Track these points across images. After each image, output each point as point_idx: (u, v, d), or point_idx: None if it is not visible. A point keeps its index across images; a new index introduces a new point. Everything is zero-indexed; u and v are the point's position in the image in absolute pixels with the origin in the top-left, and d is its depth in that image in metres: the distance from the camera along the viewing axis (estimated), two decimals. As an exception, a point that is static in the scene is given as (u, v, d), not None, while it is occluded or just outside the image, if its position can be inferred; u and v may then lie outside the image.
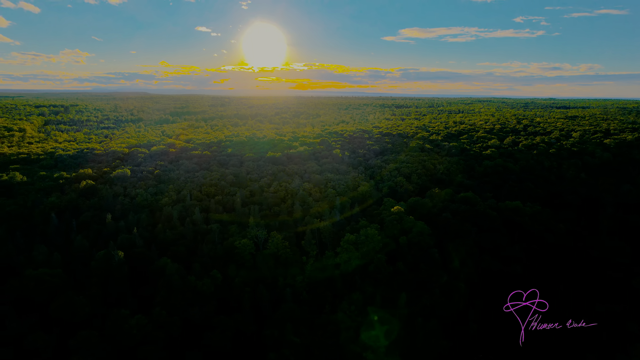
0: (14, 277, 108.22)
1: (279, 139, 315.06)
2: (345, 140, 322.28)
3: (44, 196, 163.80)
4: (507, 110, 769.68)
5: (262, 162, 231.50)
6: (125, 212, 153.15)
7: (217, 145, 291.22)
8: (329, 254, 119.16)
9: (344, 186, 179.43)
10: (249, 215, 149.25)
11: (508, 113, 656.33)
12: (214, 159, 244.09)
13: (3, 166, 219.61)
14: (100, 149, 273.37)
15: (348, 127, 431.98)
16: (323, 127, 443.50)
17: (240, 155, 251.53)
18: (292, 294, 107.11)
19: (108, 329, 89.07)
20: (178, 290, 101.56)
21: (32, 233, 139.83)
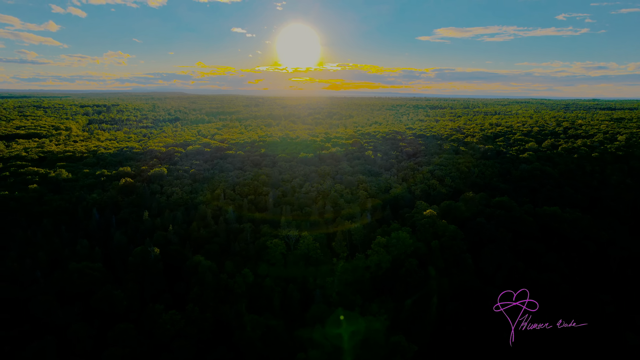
0: (59, 269, 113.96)
1: (311, 139, 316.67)
2: (377, 141, 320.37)
3: (87, 193, 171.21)
4: (546, 111, 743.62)
5: (294, 163, 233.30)
6: (161, 210, 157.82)
7: (251, 146, 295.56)
8: (360, 256, 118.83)
9: (376, 188, 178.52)
10: (280, 215, 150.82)
11: (547, 115, 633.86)
12: (248, 159, 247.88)
13: (51, 163, 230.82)
14: (139, 148, 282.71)
15: (381, 128, 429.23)
16: (356, 128, 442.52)
17: (273, 156, 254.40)
18: (322, 295, 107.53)
19: (144, 323, 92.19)
20: (211, 288, 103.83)
21: (76, 227, 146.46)
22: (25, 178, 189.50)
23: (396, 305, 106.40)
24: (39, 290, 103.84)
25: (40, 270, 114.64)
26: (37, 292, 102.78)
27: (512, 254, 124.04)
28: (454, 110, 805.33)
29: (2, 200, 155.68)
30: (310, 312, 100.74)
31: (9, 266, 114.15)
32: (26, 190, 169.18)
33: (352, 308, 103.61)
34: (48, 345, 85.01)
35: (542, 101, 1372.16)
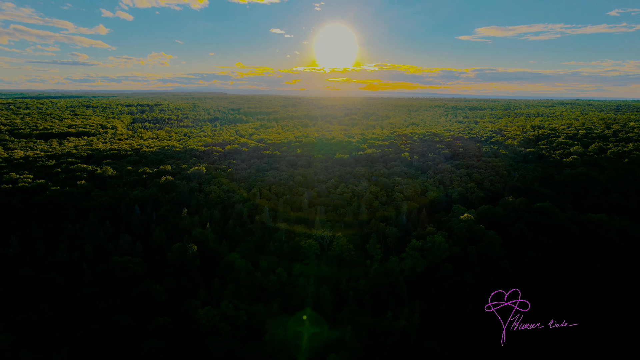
0: (103, 262, 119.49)
1: (347, 140, 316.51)
2: (414, 143, 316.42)
3: (129, 189, 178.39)
4: (594, 113, 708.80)
5: (330, 164, 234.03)
6: (199, 208, 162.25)
7: (287, 146, 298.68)
8: (394, 259, 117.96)
9: (412, 190, 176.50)
10: (315, 215, 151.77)
11: (595, 117, 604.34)
12: (284, 159, 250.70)
13: (98, 161, 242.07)
14: (179, 147, 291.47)
15: (418, 129, 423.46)
16: (392, 129, 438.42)
17: (309, 156, 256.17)
18: (355, 296, 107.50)
19: (180, 318, 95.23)
20: (245, 286, 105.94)
21: (119, 222, 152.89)
22: (74, 174, 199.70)
23: (430, 310, 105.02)
24: (85, 282, 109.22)
25: (87, 262, 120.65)
26: (83, 284, 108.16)
27: (553, 262, 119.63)
28: (494, 112, 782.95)
29: (55, 195, 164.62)
30: (342, 313, 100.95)
31: (59, 257, 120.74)
32: (75, 186, 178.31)
33: (385, 311, 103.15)
34: (93, 334, 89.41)
35: (590, 102, 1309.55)
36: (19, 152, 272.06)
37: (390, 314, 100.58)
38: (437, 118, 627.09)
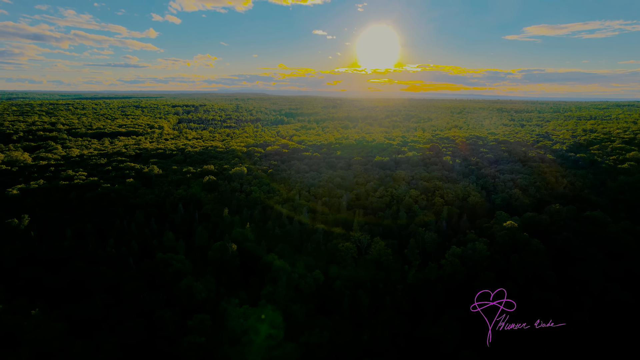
0: (148, 258, 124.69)
1: (387, 143, 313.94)
2: (457, 146, 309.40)
3: (174, 188, 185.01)
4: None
5: (369, 166, 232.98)
6: (240, 208, 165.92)
7: (327, 148, 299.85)
8: (432, 265, 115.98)
9: (453, 195, 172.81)
10: (353, 218, 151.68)
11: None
12: (324, 160, 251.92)
13: (145, 159, 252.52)
14: (222, 147, 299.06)
15: (461, 132, 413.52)
16: (434, 131, 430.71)
17: (348, 158, 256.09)
18: (392, 302, 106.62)
19: (219, 315, 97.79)
20: (282, 286, 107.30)
21: (163, 220, 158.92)
22: (124, 172, 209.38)
23: (469, 318, 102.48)
24: (131, 276, 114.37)
25: (133, 257, 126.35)
26: (129, 278, 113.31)
27: (603, 275, 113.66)
28: (541, 115, 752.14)
29: (105, 192, 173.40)
30: (379, 318, 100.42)
31: (108, 252, 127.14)
32: (124, 184, 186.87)
33: (422, 318, 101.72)
34: (137, 327, 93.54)
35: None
36: (75, 151, 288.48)
37: (427, 320, 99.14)
38: (480, 120, 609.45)
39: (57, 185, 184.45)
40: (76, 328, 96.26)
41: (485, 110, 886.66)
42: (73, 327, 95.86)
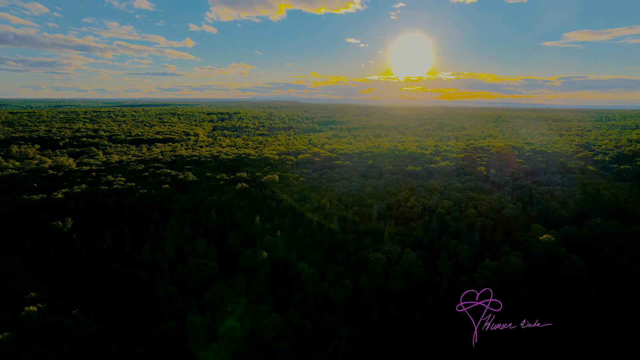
0: (181, 263, 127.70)
1: (420, 152, 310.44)
2: (491, 156, 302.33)
3: (207, 194, 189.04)
4: None
5: (401, 176, 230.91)
6: (271, 215, 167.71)
7: (359, 156, 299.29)
8: (465, 278, 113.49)
9: (487, 206, 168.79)
10: (384, 228, 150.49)
11: None
12: (355, 169, 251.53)
13: (180, 166, 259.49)
14: (255, 155, 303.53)
15: (496, 142, 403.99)
16: (468, 140, 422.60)
17: (380, 167, 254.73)
18: (422, 314, 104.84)
19: (248, 322, 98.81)
20: (312, 295, 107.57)
21: (197, 226, 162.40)
22: (160, 178, 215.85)
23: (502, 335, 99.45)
24: (165, 281, 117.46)
25: (167, 262, 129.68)
26: (163, 282, 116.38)
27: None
28: (582, 124, 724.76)
29: (142, 197, 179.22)
30: (409, 331, 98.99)
31: (144, 256, 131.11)
32: (160, 190, 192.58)
33: (454, 332, 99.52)
34: (170, 330, 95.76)
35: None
36: (115, 157, 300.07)
37: (459, 335, 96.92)
38: (517, 130, 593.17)
39: (98, 189, 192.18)
40: (112, 329, 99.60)
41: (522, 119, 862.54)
42: (109, 327, 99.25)
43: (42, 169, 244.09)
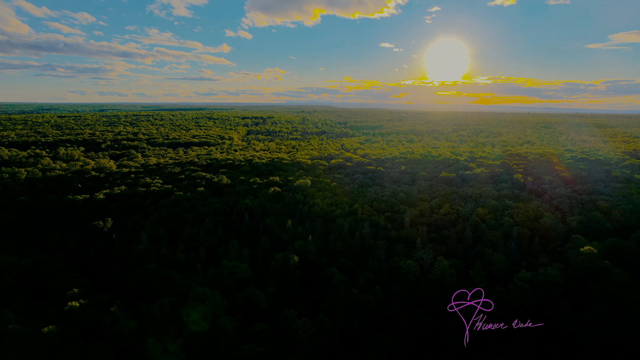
0: (214, 265, 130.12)
1: (454, 158, 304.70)
2: (529, 163, 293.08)
3: (241, 198, 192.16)
4: None
5: (434, 182, 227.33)
6: (303, 220, 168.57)
7: (391, 162, 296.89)
8: (499, 289, 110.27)
9: (524, 215, 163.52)
10: (416, 235, 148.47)
11: None
12: (387, 175, 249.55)
13: (215, 169, 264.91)
14: (288, 159, 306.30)
15: (534, 148, 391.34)
16: (504, 147, 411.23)
17: (413, 173, 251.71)
18: (455, 324, 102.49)
19: (279, 326, 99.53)
20: (342, 301, 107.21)
21: (230, 229, 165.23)
22: (195, 181, 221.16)
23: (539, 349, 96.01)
24: (198, 282, 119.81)
25: (200, 263, 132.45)
26: (196, 283, 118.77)
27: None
28: (628, 130, 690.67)
29: (178, 199, 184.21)
30: (441, 340, 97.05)
31: (178, 257, 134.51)
32: (195, 192, 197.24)
33: (487, 345, 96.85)
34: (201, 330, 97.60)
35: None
36: (153, 159, 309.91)
37: (492, 347, 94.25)
38: (556, 136, 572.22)
39: (136, 191, 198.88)
40: (147, 327, 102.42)
41: (562, 124, 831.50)
42: (144, 325, 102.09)
43: (86, 170, 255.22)
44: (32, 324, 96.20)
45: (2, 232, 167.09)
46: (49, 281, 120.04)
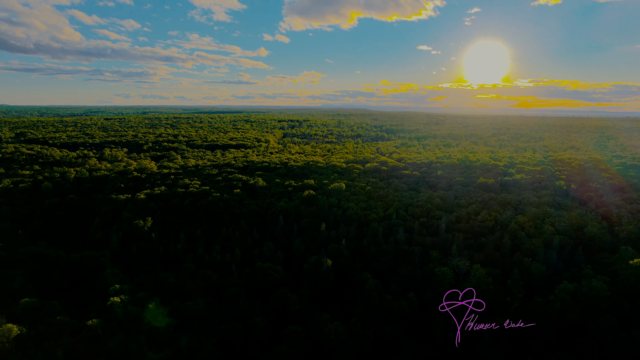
0: (248, 266, 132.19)
1: (493, 163, 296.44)
2: (573, 170, 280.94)
3: (276, 200, 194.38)
4: None
5: (472, 188, 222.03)
6: (337, 223, 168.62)
7: (427, 167, 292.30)
8: (539, 300, 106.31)
9: (566, 224, 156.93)
10: (452, 242, 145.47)
11: None
12: (423, 180, 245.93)
13: (251, 172, 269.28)
14: (323, 163, 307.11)
15: (578, 154, 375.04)
16: (546, 152, 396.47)
17: (449, 179, 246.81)
18: (490, 334, 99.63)
19: (310, 328, 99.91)
20: (374, 306, 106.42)
21: (265, 231, 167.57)
22: (232, 183, 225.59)
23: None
24: (232, 282, 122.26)
25: (235, 264, 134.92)
26: (230, 283, 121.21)
27: None
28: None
29: (215, 200, 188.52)
30: (475, 352, 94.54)
31: (214, 257, 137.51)
32: (232, 194, 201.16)
33: (525, 357, 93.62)
34: (235, 331, 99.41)
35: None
36: (192, 161, 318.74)
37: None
38: (603, 141, 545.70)
39: (175, 192, 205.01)
40: (183, 324, 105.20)
41: (610, 129, 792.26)
42: (180, 323, 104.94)
43: (129, 170, 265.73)
44: (78, 317, 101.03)
45: (53, 228, 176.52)
46: (93, 276, 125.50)
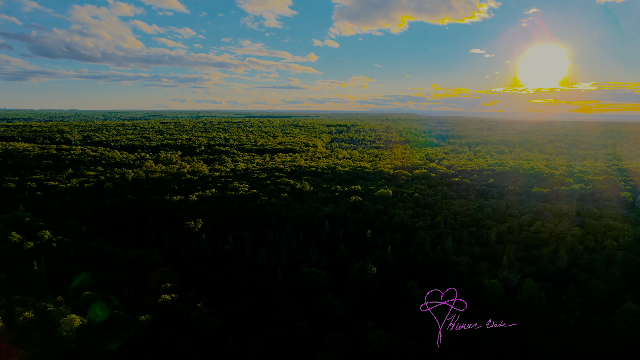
0: (293, 270, 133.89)
1: (548, 172, 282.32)
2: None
3: (322, 205, 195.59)
4: None
5: (525, 197, 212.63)
6: (383, 230, 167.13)
7: (478, 174, 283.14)
8: (598, 320, 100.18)
9: (632, 239, 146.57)
10: (503, 253, 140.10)
11: None
12: (473, 188, 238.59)
13: (299, 176, 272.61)
14: (370, 168, 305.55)
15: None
16: (610, 161, 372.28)
17: (501, 187, 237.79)
18: (542, 353, 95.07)
19: (353, 336, 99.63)
20: (419, 317, 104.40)
21: (310, 235, 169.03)
22: (279, 187, 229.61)
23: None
24: (277, 285, 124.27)
25: (281, 267, 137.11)
26: (276, 286, 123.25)
27: None
28: None
29: (263, 204, 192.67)
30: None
31: (260, 260, 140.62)
32: (279, 198, 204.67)
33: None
34: (279, 333, 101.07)
35: None
36: (242, 165, 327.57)
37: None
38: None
39: (225, 194, 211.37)
40: (229, 325, 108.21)
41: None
42: (226, 323, 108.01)
43: (182, 173, 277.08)
44: (132, 312, 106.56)
45: (112, 227, 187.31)
46: (146, 274, 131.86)
